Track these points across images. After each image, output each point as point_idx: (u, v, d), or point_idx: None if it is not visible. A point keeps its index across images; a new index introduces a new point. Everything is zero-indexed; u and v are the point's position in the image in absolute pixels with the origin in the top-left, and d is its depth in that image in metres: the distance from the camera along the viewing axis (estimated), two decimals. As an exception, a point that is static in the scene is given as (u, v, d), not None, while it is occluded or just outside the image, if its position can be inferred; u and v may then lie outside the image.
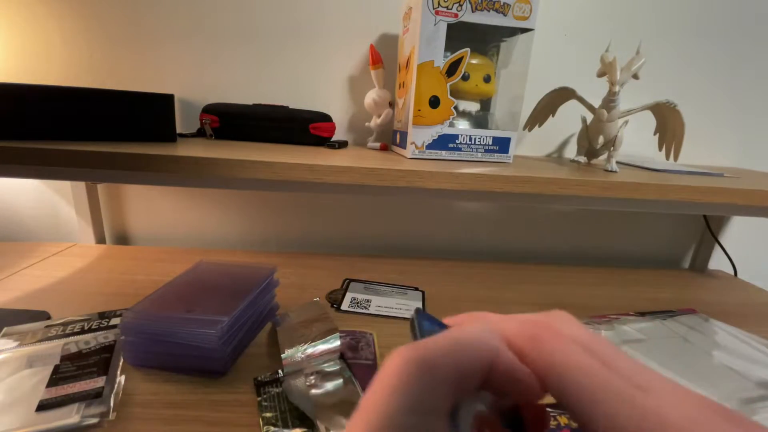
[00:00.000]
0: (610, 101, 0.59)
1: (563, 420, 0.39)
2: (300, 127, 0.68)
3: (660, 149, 0.63)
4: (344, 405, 0.40)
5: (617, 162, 0.64)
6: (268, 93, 0.77)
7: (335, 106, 0.78)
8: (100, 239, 0.84)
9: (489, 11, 0.52)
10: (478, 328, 0.16)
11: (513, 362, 0.15)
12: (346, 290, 0.68)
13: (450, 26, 0.52)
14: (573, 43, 0.78)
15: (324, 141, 0.69)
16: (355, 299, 0.65)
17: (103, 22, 0.72)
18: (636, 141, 0.79)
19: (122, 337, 0.44)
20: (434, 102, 0.55)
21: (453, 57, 0.54)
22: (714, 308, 0.68)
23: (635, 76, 0.58)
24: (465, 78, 0.59)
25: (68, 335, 0.48)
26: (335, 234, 0.89)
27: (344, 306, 0.62)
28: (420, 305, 0.64)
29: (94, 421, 0.37)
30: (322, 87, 0.78)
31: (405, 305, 0.64)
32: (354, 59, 0.76)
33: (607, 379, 0.14)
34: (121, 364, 0.44)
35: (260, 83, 0.77)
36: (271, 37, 0.75)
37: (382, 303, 0.64)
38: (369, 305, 0.63)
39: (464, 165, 0.54)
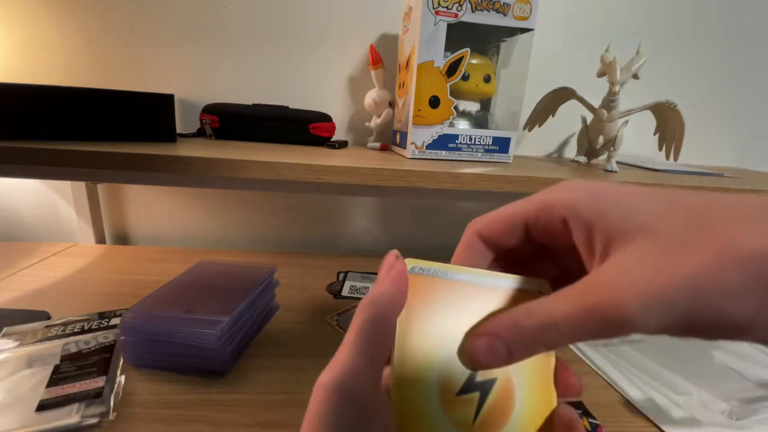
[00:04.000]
0: (610, 101, 0.59)
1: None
2: (300, 127, 0.68)
3: (660, 149, 0.62)
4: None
5: (617, 162, 0.64)
6: (268, 93, 0.77)
7: (335, 106, 0.78)
8: (100, 239, 0.84)
9: (489, 11, 0.52)
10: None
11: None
12: (344, 280, 0.72)
13: (450, 26, 0.52)
14: (573, 43, 0.78)
15: (324, 141, 0.69)
16: (354, 287, 0.70)
17: (103, 22, 0.72)
18: (636, 141, 0.79)
19: (122, 337, 0.44)
20: (434, 102, 0.55)
21: (453, 57, 0.54)
22: (714, 308, 0.68)
23: (635, 76, 0.58)
24: (465, 78, 0.58)
25: (68, 335, 0.48)
26: (335, 234, 0.89)
27: (344, 292, 0.68)
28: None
29: (94, 421, 0.37)
30: (322, 87, 0.78)
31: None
32: (354, 59, 0.76)
33: None
34: (121, 364, 0.44)
35: (260, 83, 0.77)
36: (271, 37, 0.75)
37: None
38: (367, 291, 0.66)
39: (464, 165, 0.54)
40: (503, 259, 0.20)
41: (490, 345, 0.15)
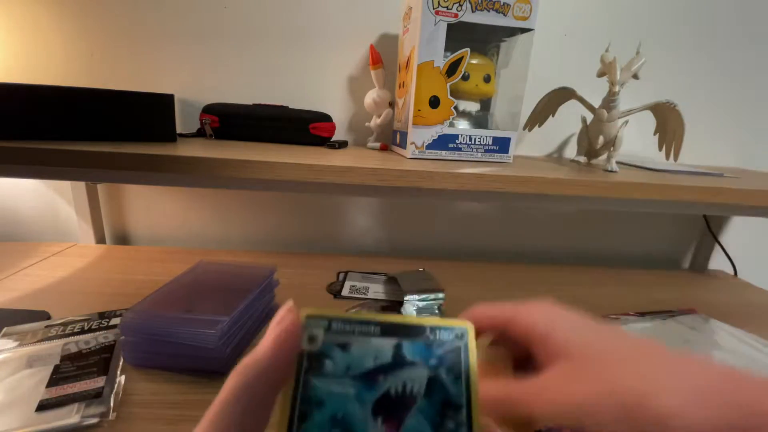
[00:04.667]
0: (610, 101, 0.59)
1: None
2: (300, 127, 0.68)
3: (660, 149, 0.62)
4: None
5: (617, 162, 0.64)
6: (268, 93, 0.77)
7: (335, 106, 0.78)
8: (100, 239, 0.84)
9: (489, 11, 0.52)
10: None
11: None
12: (344, 280, 0.72)
13: (450, 26, 0.52)
14: (573, 43, 0.78)
15: (324, 141, 0.69)
16: (354, 287, 0.69)
17: (102, 22, 0.72)
18: (636, 141, 0.79)
19: (122, 337, 0.44)
20: (434, 102, 0.55)
21: (453, 57, 0.54)
22: (714, 308, 0.68)
23: (635, 76, 0.59)
24: (465, 78, 0.59)
25: (68, 335, 0.48)
26: (335, 234, 0.89)
27: (344, 292, 0.67)
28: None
29: (94, 421, 0.37)
30: (322, 87, 0.78)
31: (401, 290, 0.64)
32: (354, 59, 0.76)
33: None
34: (121, 364, 0.44)
35: (260, 83, 0.77)
36: (271, 37, 0.75)
37: (379, 289, 0.68)
38: (367, 291, 0.67)
39: (464, 165, 0.54)
40: None
41: None
